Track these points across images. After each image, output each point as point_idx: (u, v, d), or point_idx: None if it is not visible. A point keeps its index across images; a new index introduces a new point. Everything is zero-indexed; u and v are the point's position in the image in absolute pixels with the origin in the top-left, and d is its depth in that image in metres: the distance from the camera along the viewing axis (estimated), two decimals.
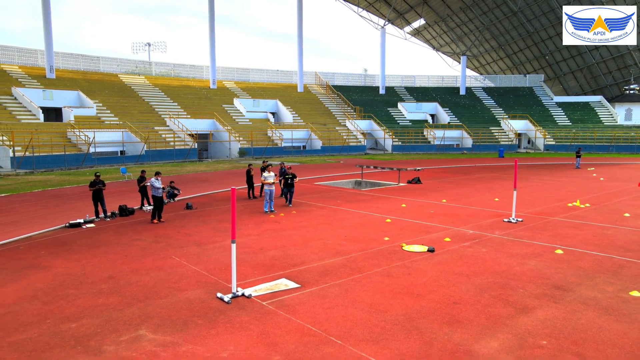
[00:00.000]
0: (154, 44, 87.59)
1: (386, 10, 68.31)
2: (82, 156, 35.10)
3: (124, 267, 10.39)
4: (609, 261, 10.77)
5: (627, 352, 6.48)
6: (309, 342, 6.75)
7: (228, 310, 7.93)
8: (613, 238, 12.94)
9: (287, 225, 14.81)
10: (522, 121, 59.86)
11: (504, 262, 10.71)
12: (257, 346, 6.64)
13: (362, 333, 7.07)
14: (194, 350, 6.52)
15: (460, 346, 6.66)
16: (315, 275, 9.76)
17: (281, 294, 8.75)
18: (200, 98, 54.31)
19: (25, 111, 40.19)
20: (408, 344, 6.71)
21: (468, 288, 9.00)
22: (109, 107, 45.23)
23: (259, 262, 10.77)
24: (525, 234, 13.37)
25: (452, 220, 15.34)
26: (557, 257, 11.05)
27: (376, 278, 9.60)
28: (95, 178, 15.48)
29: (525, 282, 9.31)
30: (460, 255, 11.23)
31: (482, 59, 79.54)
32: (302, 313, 7.81)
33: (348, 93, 65.77)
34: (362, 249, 11.82)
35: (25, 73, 47.35)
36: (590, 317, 7.68)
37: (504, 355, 6.40)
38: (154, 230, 14.04)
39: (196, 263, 10.66)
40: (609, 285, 9.17)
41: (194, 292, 8.78)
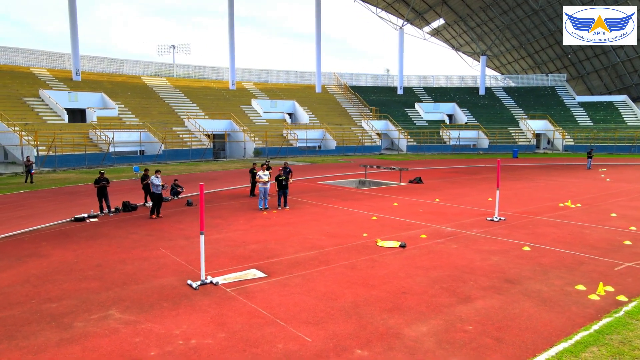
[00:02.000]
0: (178, 46, 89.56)
1: (405, 11, 68.41)
2: (102, 155, 36.68)
3: (113, 256, 11.34)
4: (571, 258, 11.17)
5: (544, 338, 7.00)
6: (255, 323, 7.50)
7: (193, 295, 8.74)
8: (587, 237, 13.27)
9: (276, 221, 15.59)
10: (541, 121, 59.23)
11: (469, 257, 11.23)
12: (208, 325, 7.42)
13: (306, 317, 7.77)
14: (151, 327, 7.35)
15: (391, 329, 7.30)
16: (284, 267, 10.50)
17: (247, 282, 9.52)
18: (219, 99, 55.65)
19: (51, 112, 42.12)
20: (344, 327, 7.38)
21: (422, 280, 9.59)
22: (130, 108, 46.92)
23: (237, 254, 11.56)
24: (502, 232, 13.81)
25: (437, 219, 15.85)
26: (521, 254, 11.50)
27: (340, 270, 10.27)
28: (100, 176, 16.58)
29: (479, 276, 9.84)
30: (429, 251, 11.80)
31: (503, 58, 78.74)
32: (259, 299, 8.56)
33: (366, 94, 66.21)
34: (338, 244, 12.49)
35: (53, 76, 49.47)
36: (526, 307, 8.19)
37: (428, 337, 7.01)
38: (150, 225, 15.02)
39: (179, 254, 11.53)
40: (559, 279, 9.63)
41: (168, 280, 9.63)
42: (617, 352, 6.52)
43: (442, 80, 72.16)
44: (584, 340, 6.89)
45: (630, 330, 7.21)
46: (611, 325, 7.40)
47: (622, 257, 11.18)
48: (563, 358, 6.40)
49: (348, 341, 6.89)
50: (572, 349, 6.63)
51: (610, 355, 6.46)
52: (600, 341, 6.87)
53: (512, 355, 6.48)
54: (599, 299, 8.56)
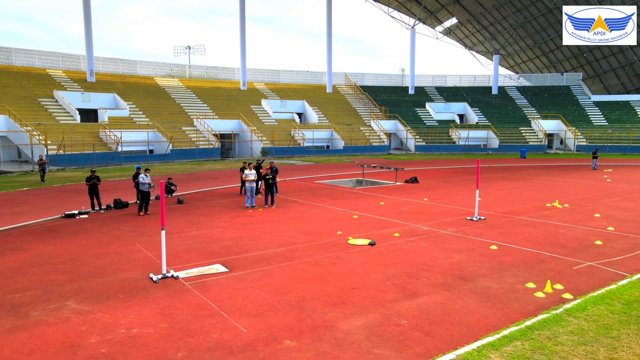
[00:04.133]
0: (194, 47, 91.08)
1: (417, 10, 68.23)
2: (111, 154, 37.59)
3: (89, 251, 11.83)
4: (534, 257, 11.26)
5: (473, 332, 7.19)
6: (199, 315, 7.85)
7: (151, 288, 9.13)
8: (560, 236, 13.30)
9: (258, 219, 15.94)
10: (553, 121, 58.49)
11: (433, 255, 11.41)
12: (154, 316, 7.80)
13: (250, 309, 8.09)
14: (100, 317, 7.75)
15: (327, 322, 7.57)
16: (248, 262, 10.84)
17: (207, 276, 9.88)
18: (229, 99, 56.37)
19: (64, 112, 43.31)
20: (282, 319, 7.68)
21: (377, 277, 9.82)
22: (141, 108, 47.90)
23: (208, 250, 11.95)
24: (476, 231, 13.91)
25: (417, 218, 16.00)
26: (486, 252, 11.62)
27: (301, 266, 10.56)
28: (91, 174, 17.17)
29: (435, 273, 10.02)
30: (395, 249, 12.00)
31: (517, 57, 77.89)
32: (212, 292, 8.91)
33: (377, 93, 66.26)
34: (310, 241, 12.78)
35: (68, 77, 50.79)
36: (468, 303, 8.37)
37: (359, 330, 7.27)
38: (135, 222, 15.52)
39: (153, 250, 11.96)
40: (513, 277, 9.75)
41: (133, 273, 10.05)
42: (538, 347, 6.68)
43: (455, 79, 71.73)
44: (510, 335, 7.05)
45: (561, 327, 7.35)
46: (545, 321, 7.54)
47: (587, 257, 11.22)
48: (483, 351, 6.59)
49: (281, 332, 7.19)
50: (495, 343, 6.81)
51: (531, 349, 6.63)
52: (527, 336, 7.03)
53: (433, 348, 6.70)
54: (544, 297, 8.69)
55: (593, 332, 7.17)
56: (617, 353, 6.54)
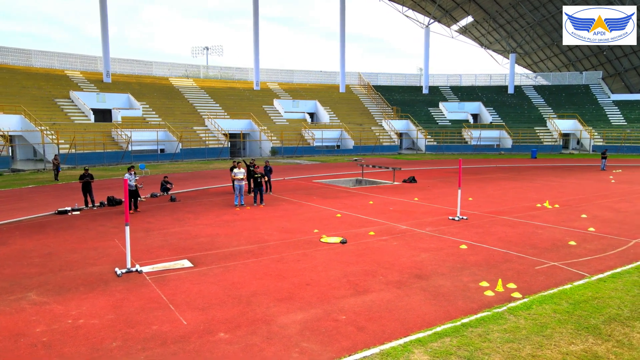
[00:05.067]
0: (211, 47, 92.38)
1: (432, 9, 67.77)
2: (121, 153, 38.48)
3: (68, 246, 12.29)
4: (500, 256, 11.26)
5: (406, 328, 7.31)
6: (148, 307, 8.15)
7: (113, 282, 9.48)
8: (535, 237, 13.22)
9: (242, 217, 16.24)
10: (570, 121, 57.43)
11: (399, 253, 11.51)
12: (104, 307, 8.12)
13: (199, 303, 8.35)
14: (54, 308, 8.12)
15: (267, 316, 7.78)
16: (216, 259, 11.11)
17: (171, 271, 10.19)
18: (242, 99, 56.98)
19: (79, 112, 44.48)
20: (226, 312, 7.92)
21: (335, 274, 9.98)
22: (154, 108, 48.83)
23: (182, 246, 12.27)
24: (453, 231, 13.93)
25: (400, 217, 16.07)
26: (453, 252, 11.66)
27: (265, 263, 10.79)
28: (84, 172, 17.72)
29: (394, 271, 10.13)
30: (365, 247, 12.13)
31: (535, 56, 76.64)
32: (169, 286, 9.21)
33: (390, 93, 66.10)
34: (284, 239, 13.00)
35: (85, 78, 52.10)
36: (414, 300, 8.47)
37: (296, 324, 7.45)
38: (122, 219, 15.94)
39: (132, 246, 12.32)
40: (470, 276, 9.80)
41: (102, 267, 10.43)
42: (466, 343, 6.77)
43: (470, 79, 71.02)
44: (443, 332, 7.15)
45: (497, 325, 7.41)
46: (483, 319, 7.61)
47: (554, 257, 11.17)
48: (409, 346, 6.71)
49: (219, 325, 7.43)
50: (424, 339, 6.92)
51: (457, 345, 6.72)
52: (459, 333, 7.11)
53: (360, 342, 6.84)
54: (493, 295, 8.73)
55: (526, 330, 7.22)
56: (542, 351, 6.59)
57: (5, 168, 31.89)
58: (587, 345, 6.77)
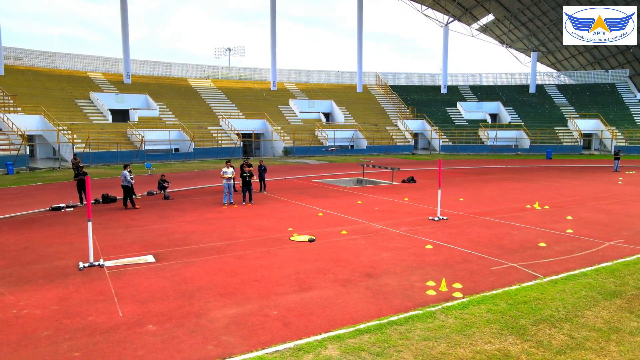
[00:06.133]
0: (233, 48, 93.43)
1: (451, 7, 67.01)
2: (135, 153, 39.48)
3: (47, 240, 12.82)
4: (461, 257, 11.22)
5: (331, 325, 7.43)
6: (93, 299, 8.49)
7: (73, 275, 9.89)
8: (508, 238, 13.10)
9: (226, 215, 16.56)
10: (591, 120, 55.93)
11: (361, 252, 11.59)
12: (52, 299, 8.51)
13: (143, 297, 8.66)
14: (6, 298, 8.55)
15: (201, 310, 8.02)
16: (180, 255, 11.43)
17: (132, 266, 10.55)
18: (258, 99, 57.59)
19: (98, 113, 45.82)
20: (165, 306, 8.20)
21: (288, 271, 10.15)
22: (171, 108, 49.87)
23: (154, 242, 12.65)
24: (427, 231, 13.91)
25: (380, 217, 16.10)
26: (416, 252, 11.68)
27: (226, 259, 11.05)
28: (78, 170, 18.40)
29: (347, 269, 10.23)
30: (330, 246, 12.26)
31: (559, 54, 74.85)
32: (122, 280, 9.56)
33: (408, 93, 65.71)
34: (256, 237, 13.24)
35: (107, 79, 53.59)
36: (352, 298, 8.58)
37: (226, 319, 7.67)
38: (110, 215, 16.51)
39: (104, 241, 12.79)
40: (419, 276, 9.82)
41: (68, 262, 10.87)
42: (382, 340, 6.86)
43: (490, 78, 69.94)
44: (365, 329, 7.25)
45: (424, 323, 7.46)
46: (411, 317, 7.67)
47: (516, 258, 11.07)
48: (325, 342, 6.85)
49: (152, 318, 7.71)
50: (343, 335, 7.04)
51: (373, 342, 6.82)
52: (381, 330, 7.20)
53: (279, 337, 7.00)
54: (434, 294, 8.76)
55: (449, 329, 7.25)
56: (455, 349, 6.63)
57: (23, 166, 33.15)
58: (503, 345, 6.77)
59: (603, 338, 6.97)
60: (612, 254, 11.40)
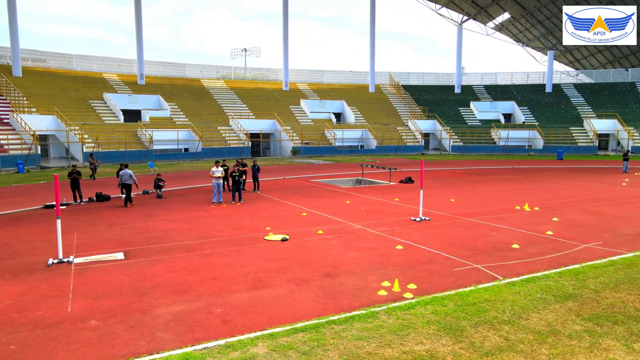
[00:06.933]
0: (250, 49, 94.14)
1: (465, 5, 66.25)
2: (144, 152, 40.13)
3: (29, 237, 13.18)
4: (427, 258, 11.15)
5: (269, 322, 7.49)
6: (49, 295, 8.72)
7: (39, 271, 10.16)
8: (482, 239, 12.95)
9: (212, 214, 16.75)
10: (609, 120, 54.60)
11: (329, 252, 11.61)
12: (11, 294, 8.76)
13: (98, 293, 8.85)
14: None
15: (149, 307, 8.16)
16: (150, 252, 11.63)
17: (99, 263, 10.78)
18: (269, 99, 57.89)
19: (110, 113, 46.72)
20: (115, 302, 8.37)
21: (248, 270, 10.24)
22: (182, 108, 50.51)
23: (130, 239, 12.89)
24: (403, 231, 13.84)
25: (363, 217, 16.08)
26: (384, 252, 11.64)
27: (192, 258, 11.20)
28: (72, 169, 18.79)
29: (308, 269, 10.28)
30: (302, 245, 12.31)
31: (577, 52, 73.30)
32: (85, 276, 9.78)
33: (421, 93, 65.22)
34: (231, 236, 13.38)
35: (121, 80, 54.56)
36: (301, 297, 8.62)
37: (169, 315, 7.79)
38: (99, 213, 16.86)
39: (83, 238, 13.09)
40: (379, 276, 9.80)
41: (41, 258, 11.15)
42: (314, 339, 6.90)
43: (506, 77, 68.86)
44: (302, 327, 7.30)
45: (363, 323, 7.47)
46: (352, 317, 7.68)
47: (483, 260, 10.95)
48: (257, 339, 6.91)
49: (98, 314, 7.88)
50: (278, 333, 7.10)
51: (304, 341, 6.85)
52: (317, 329, 7.23)
53: (215, 334, 7.10)
54: (385, 295, 8.74)
55: (386, 329, 7.24)
56: (384, 349, 6.62)
57: (33, 165, 34.02)
58: (434, 346, 6.73)
59: (538, 341, 6.87)
60: (584, 257, 11.18)
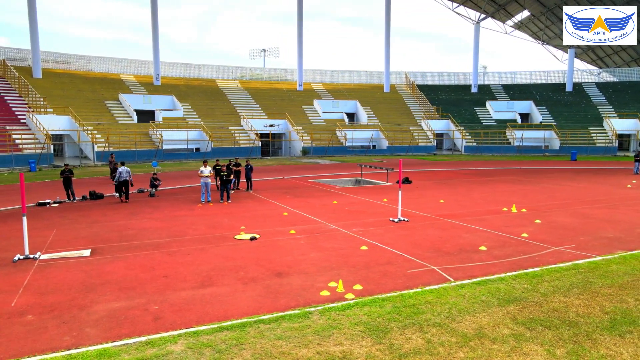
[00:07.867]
0: (268, 49, 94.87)
1: (483, 3, 65.26)
2: (154, 152, 40.84)
3: (7, 234, 13.59)
4: (387, 259, 11.05)
5: (204, 320, 7.56)
6: (11, 291, 8.96)
7: (3, 266, 10.49)
8: (452, 240, 12.76)
9: (196, 213, 16.95)
10: (630, 120, 53.07)
11: (293, 252, 11.63)
12: None
13: (50, 288, 9.07)
14: None
15: (89, 303, 8.32)
16: (117, 250, 11.85)
17: (64, 259, 11.05)
18: (283, 100, 58.18)
19: (124, 113, 47.70)
20: (61, 298, 8.56)
21: (203, 268, 10.35)
22: (195, 109, 51.21)
23: (104, 237, 13.16)
24: (376, 232, 13.75)
25: (343, 217, 16.03)
26: (348, 253, 11.59)
27: (155, 255, 11.36)
28: (65, 167, 19.28)
29: (263, 268, 10.31)
30: (268, 245, 12.36)
31: (600, 50, 71.38)
32: (43, 273, 10.04)
33: (437, 92, 64.56)
34: (203, 234, 13.52)
35: (138, 81, 55.64)
36: (243, 296, 8.66)
37: (104, 312, 7.94)
38: (86, 211, 17.26)
39: (59, 235, 13.43)
40: (328, 276, 9.76)
41: (9, 254, 11.47)
42: (235, 338, 6.93)
43: (525, 77, 67.53)
44: (229, 326, 7.35)
45: (291, 323, 7.47)
46: (283, 317, 7.69)
47: (443, 261, 10.80)
48: (179, 337, 6.99)
49: (38, 309, 8.09)
50: (203, 331, 7.17)
51: (224, 339, 6.89)
52: (243, 328, 7.28)
53: (142, 330, 7.20)
54: (327, 295, 8.72)
55: (311, 330, 7.23)
56: (299, 349, 6.61)
57: (46, 164, 35.00)
58: (351, 347, 6.69)
59: (459, 344, 6.75)
60: (549, 259, 10.92)
